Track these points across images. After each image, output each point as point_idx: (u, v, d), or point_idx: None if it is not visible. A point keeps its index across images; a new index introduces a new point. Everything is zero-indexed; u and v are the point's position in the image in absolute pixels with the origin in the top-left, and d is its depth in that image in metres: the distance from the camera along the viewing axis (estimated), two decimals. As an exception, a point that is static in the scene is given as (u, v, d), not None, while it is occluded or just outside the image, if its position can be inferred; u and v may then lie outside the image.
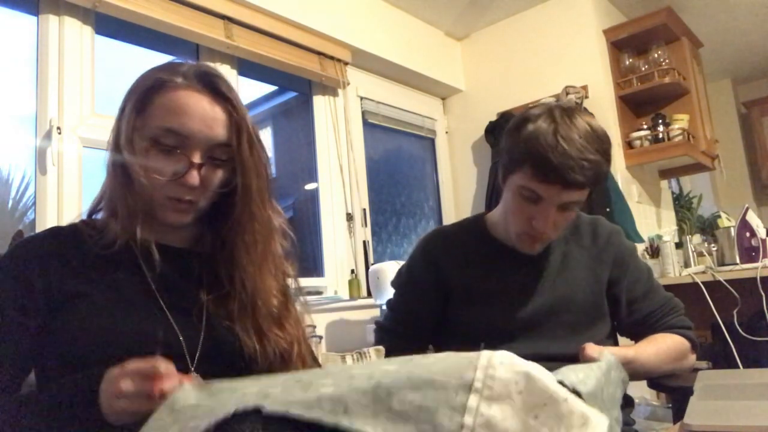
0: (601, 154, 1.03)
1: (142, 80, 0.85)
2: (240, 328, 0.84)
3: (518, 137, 1.05)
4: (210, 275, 0.88)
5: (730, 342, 2.33)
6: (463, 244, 1.23)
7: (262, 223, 0.87)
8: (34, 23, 1.81)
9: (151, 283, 0.83)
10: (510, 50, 3.22)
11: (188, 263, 0.88)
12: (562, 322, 1.14)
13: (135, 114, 0.82)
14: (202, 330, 0.83)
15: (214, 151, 0.83)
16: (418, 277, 1.24)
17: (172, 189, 0.81)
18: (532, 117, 1.06)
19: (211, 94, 0.83)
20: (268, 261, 0.88)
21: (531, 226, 1.09)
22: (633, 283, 1.20)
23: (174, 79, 0.82)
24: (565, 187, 1.02)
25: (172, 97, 0.81)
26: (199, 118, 0.81)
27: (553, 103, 1.09)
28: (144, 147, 0.81)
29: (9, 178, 1.74)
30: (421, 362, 0.55)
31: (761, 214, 3.78)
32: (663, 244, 2.73)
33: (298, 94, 2.77)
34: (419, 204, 3.27)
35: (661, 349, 1.13)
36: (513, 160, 1.07)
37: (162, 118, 0.81)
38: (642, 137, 2.94)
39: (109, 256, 0.81)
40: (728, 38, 3.79)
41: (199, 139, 0.81)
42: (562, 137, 1.00)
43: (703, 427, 0.72)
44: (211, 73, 0.85)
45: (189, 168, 0.81)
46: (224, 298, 0.86)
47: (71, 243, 0.83)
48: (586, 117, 1.06)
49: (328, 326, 2.37)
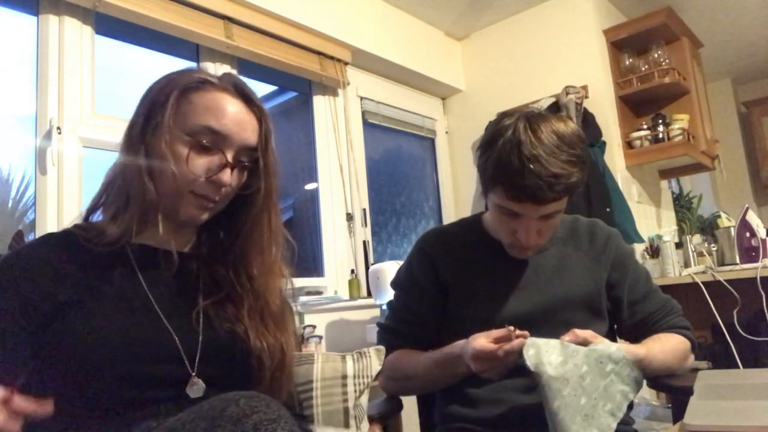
0: (572, 162, 1.01)
1: (176, 78, 0.86)
2: (249, 328, 0.85)
3: (488, 159, 1.05)
4: (208, 278, 0.88)
5: (730, 342, 2.33)
6: (460, 243, 1.24)
7: (276, 227, 0.90)
8: (34, 23, 1.81)
9: (146, 289, 0.82)
10: (510, 50, 3.22)
11: (184, 265, 0.88)
12: (559, 321, 1.15)
13: (173, 110, 0.83)
14: (200, 333, 0.82)
15: (242, 154, 0.86)
16: (416, 276, 1.25)
17: (202, 186, 0.83)
18: (499, 133, 1.04)
19: (245, 99, 0.87)
20: (277, 263, 0.91)
21: (516, 238, 1.11)
22: (633, 285, 1.21)
23: (212, 80, 0.86)
24: (540, 204, 1.03)
25: (213, 98, 0.84)
26: (236, 120, 0.84)
27: (521, 112, 1.07)
28: (179, 143, 0.82)
29: (9, 178, 1.74)
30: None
31: (761, 214, 3.79)
32: (663, 244, 2.73)
33: (298, 94, 2.77)
34: (419, 204, 3.27)
35: (667, 348, 1.14)
36: (486, 181, 1.09)
37: (202, 116, 0.83)
38: (642, 137, 2.94)
39: (103, 261, 0.81)
40: (728, 38, 3.79)
41: (234, 139, 0.84)
42: (527, 158, 0.99)
43: (703, 427, 0.72)
44: (241, 81, 0.89)
45: (224, 166, 0.83)
46: (224, 301, 0.86)
47: (64, 250, 0.82)
48: (555, 123, 1.04)
49: (328, 326, 2.37)
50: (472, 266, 1.21)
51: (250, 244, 0.89)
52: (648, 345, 1.12)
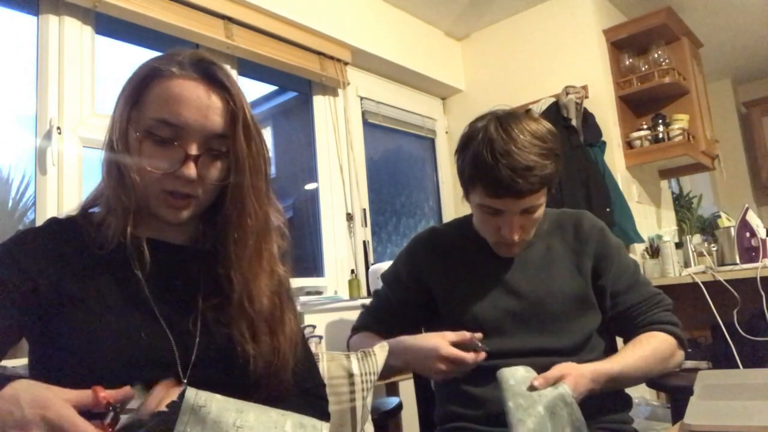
0: (544, 155, 1.06)
1: (137, 71, 0.81)
2: (237, 332, 0.81)
3: (464, 160, 1.11)
4: (209, 276, 0.84)
5: (730, 342, 2.33)
6: (449, 243, 1.28)
7: (256, 220, 0.82)
8: (34, 23, 1.81)
9: (145, 288, 0.80)
10: (510, 50, 3.22)
11: (186, 262, 0.85)
12: (549, 314, 1.16)
13: (129, 106, 0.79)
14: (197, 338, 0.79)
15: (211, 142, 0.79)
16: (400, 273, 1.30)
17: (169, 182, 0.78)
18: (473, 135, 1.09)
19: (207, 82, 0.79)
20: (261, 260, 0.84)
21: (501, 236, 1.13)
22: (618, 276, 1.20)
23: (169, 68, 0.79)
24: (519, 197, 1.06)
25: (167, 87, 0.78)
26: (194, 108, 0.77)
27: (493, 113, 1.12)
28: (138, 140, 0.77)
29: (9, 178, 1.74)
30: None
31: (761, 214, 3.78)
32: (663, 244, 2.73)
33: (298, 94, 2.77)
34: (419, 204, 3.27)
35: (647, 353, 1.11)
36: (465, 182, 1.14)
37: (156, 108, 0.77)
38: (642, 137, 2.94)
39: (105, 255, 0.79)
40: (728, 38, 3.79)
41: (194, 129, 0.77)
42: (500, 153, 1.03)
43: (703, 427, 0.72)
44: (208, 60, 0.81)
45: (185, 160, 0.77)
46: (223, 302, 0.82)
47: (69, 239, 0.80)
48: (526, 121, 1.09)
49: (328, 326, 2.37)
50: (460, 266, 1.23)
51: (229, 240, 0.82)
52: (622, 357, 1.10)
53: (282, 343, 0.84)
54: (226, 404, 0.56)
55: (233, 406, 0.56)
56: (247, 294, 0.82)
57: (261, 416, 0.57)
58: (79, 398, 0.61)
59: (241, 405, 0.57)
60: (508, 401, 0.91)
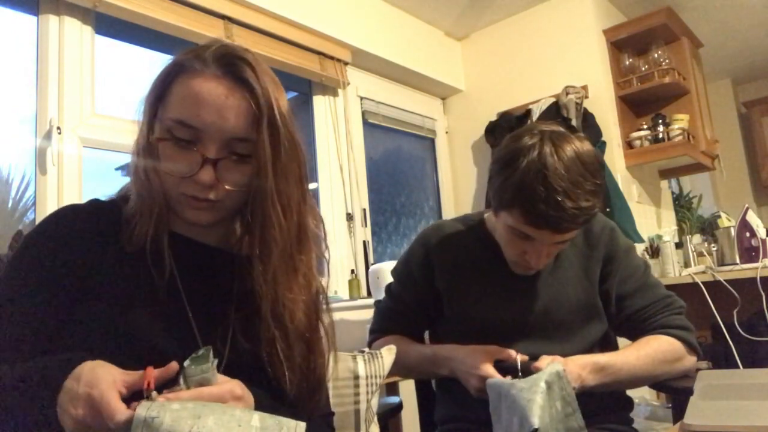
0: (594, 192, 1.00)
1: (165, 66, 0.76)
2: (265, 351, 0.76)
3: (507, 179, 1.00)
4: (242, 285, 0.78)
5: (730, 342, 2.33)
6: (461, 243, 1.24)
7: (281, 230, 0.75)
8: (34, 23, 1.81)
9: (183, 293, 0.76)
10: (510, 50, 3.22)
11: (221, 266, 0.80)
12: (555, 322, 1.14)
13: (154, 103, 0.75)
14: (226, 352, 0.75)
15: (234, 146, 0.73)
16: (413, 270, 1.26)
17: (188, 187, 0.73)
18: (521, 153, 0.99)
19: (231, 80, 0.73)
20: (296, 274, 0.78)
21: (524, 259, 1.09)
22: (625, 279, 1.18)
23: (192, 64, 0.74)
24: (558, 233, 1.01)
25: (188, 85, 0.73)
26: (212, 108, 0.72)
27: (542, 130, 1.02)
28: (161, 141, 0.73)
29: (9, 178, 1.74)
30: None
31: (761, 214, 3.78)
32: (663, 244, 2.73)
33: (298, 94, 2.77)
34: (419, 204, 3.27)
35: (646, 352, 1.09)
36: (503, 200, 1.03)
37: (176, 108, 0.73)
38: (642, 137, 2.94)
39: (141, 251, 0.75)
40: (728, 38, 3.79)
41: (212, 131, 0.72)
42: (554, 189, 0.95)
43: (703, 427, 0.72)
44: (234, 55, 0.75)
45: (202, 164, 0.72)
46: (252, 315, 0.77)
47: (110, 227, 0.77)
48: (576, 144, 1.00)
49: (328, 326, 2.37)
50: (470, 267, 1.20)
51: (254, 249, 0.76)
52: (617, 353, 1.10)
53: (317, 362, 0.80)
54: (181, 412, 0.55)
55: (190, 413, 0.56)
56: (276, 309, 0.76)
57: (222, 417, 0.57)
58: (130, 380, 0.61)
59: (201, 410, 0.56)
60: (510, 390, 0.90)
